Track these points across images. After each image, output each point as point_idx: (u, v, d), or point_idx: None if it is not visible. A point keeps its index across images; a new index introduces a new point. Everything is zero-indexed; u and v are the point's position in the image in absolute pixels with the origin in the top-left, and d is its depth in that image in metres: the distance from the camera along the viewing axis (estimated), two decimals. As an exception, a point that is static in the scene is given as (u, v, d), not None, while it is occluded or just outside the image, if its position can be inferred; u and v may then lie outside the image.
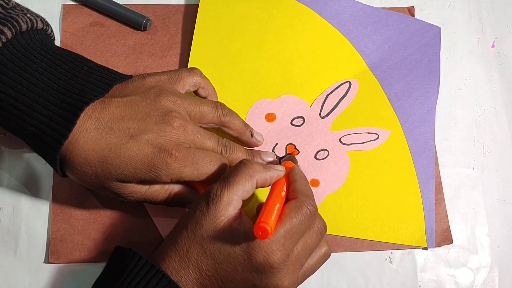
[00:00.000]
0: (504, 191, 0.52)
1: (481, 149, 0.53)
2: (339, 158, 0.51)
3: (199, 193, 0.44)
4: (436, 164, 0.52)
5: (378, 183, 0.50)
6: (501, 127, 0.54)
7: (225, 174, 0.40)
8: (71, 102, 0.40)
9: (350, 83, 0.54)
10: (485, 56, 0.57)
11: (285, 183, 0.42)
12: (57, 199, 0.47)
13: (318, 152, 0.51)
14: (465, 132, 0.54)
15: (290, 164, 0.45)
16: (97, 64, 0.44)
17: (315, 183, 0.50)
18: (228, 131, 0.48)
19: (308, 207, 0.39)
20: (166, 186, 0.43)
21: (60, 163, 0.41)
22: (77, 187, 0.48)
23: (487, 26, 0.58)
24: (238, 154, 0.46)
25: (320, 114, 0.52)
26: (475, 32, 0.58)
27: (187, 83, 0.46)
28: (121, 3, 0.54)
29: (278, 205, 0.39)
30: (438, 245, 0.49)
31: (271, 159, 0.49)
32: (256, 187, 0.41)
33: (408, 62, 0.55)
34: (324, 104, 0.53)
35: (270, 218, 0.36)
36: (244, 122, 0.48)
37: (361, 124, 0.52)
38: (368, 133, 0.52)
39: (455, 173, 0.52)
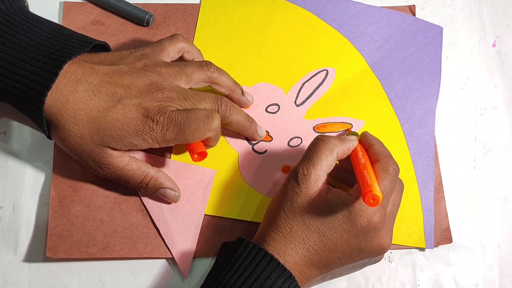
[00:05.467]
0: (504, 191, 0.52)
1: (482, 148, 0.53)
2: None
3: (191, 156, 0.44)
4: (437, 163, 0.52)
5: None
6: (502, 127, 0.54)
7: (306, 152, 0.43)
8: (53, 57, 0.41)
9: (327, 71, 0.54)
10: (486, 55, 0.57)
11: (362, 150, 0.43)
12: (56, 195, 0.47)
13: (291, 139, 0.51)
14: (466, 131, 0.54)
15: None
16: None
17: (288, 169, 0.50)
18: (219, 89, 0.48)
19: (393, 166, 0.41)
20: (144, 168, 0.45)
21: (48, 124, 0.42)
22: (76, 184, 0.48)
23: (488, 25, 0.58)
24: (238, 116, 0.47)
25: (295, 102, 0.52)
26: (476, 31, 0.57)
27: (171, 51, 0.47)
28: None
29: (371, 171, 0.40)
30: (438, 244, 0.49)
31: (264, 133, 0.50)
32: (337, 159, 0.43)
33: (409, 62, 0.55)
34: (300, 92, 0.53)
35: (375, 185, 0.37)
36: (234, 80, 0.49)
37: (335, 113, 0.52)
38: (342, 122, 0.52)
39: (455, 172, 0.52)
